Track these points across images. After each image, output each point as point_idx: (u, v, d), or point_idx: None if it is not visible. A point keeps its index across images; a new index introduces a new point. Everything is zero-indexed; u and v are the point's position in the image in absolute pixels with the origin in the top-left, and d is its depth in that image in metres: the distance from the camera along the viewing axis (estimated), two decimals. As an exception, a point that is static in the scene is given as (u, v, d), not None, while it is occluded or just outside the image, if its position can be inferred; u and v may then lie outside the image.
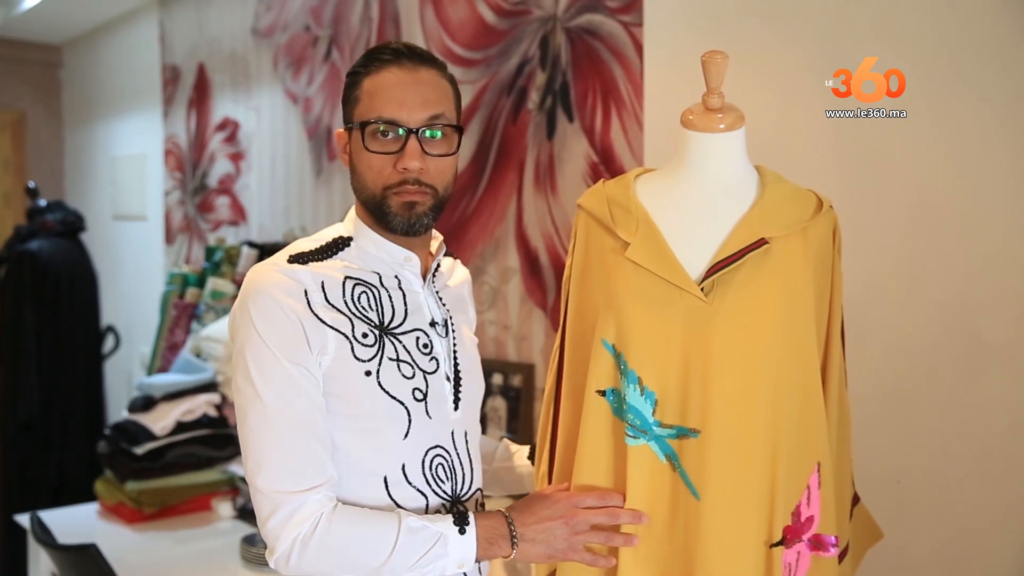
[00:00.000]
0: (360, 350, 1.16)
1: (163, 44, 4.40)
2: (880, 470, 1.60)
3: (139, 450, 2.55)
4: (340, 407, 1.16)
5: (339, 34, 3.15)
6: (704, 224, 1.16)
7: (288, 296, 1.13)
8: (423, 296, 1.25)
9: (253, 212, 3.74)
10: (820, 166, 1.70)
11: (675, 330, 1.13)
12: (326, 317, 1.15)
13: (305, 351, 1.13)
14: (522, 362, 2.41)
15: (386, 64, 1.17)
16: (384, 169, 1.17)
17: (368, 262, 1.22)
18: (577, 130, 2.26)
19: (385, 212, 1.18)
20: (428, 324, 1.24)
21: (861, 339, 1.59)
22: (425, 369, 1.22)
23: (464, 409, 1.27)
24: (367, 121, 1.16)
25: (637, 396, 1.14)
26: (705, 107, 1.18)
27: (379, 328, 1.19)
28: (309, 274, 1.16)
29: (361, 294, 1.19)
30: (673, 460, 1.14)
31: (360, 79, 1.19)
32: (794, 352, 1.14)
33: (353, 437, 1.16)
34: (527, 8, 2.38)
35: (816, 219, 1.17)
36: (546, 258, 2.36)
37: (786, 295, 1.14)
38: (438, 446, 1.22)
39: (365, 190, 1.19)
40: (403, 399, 1.18)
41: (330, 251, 1.21)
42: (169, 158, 4.41)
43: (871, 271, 1.63)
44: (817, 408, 1.16)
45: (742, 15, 1.85)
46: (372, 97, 1.17)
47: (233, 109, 3.85)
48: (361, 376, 1.16)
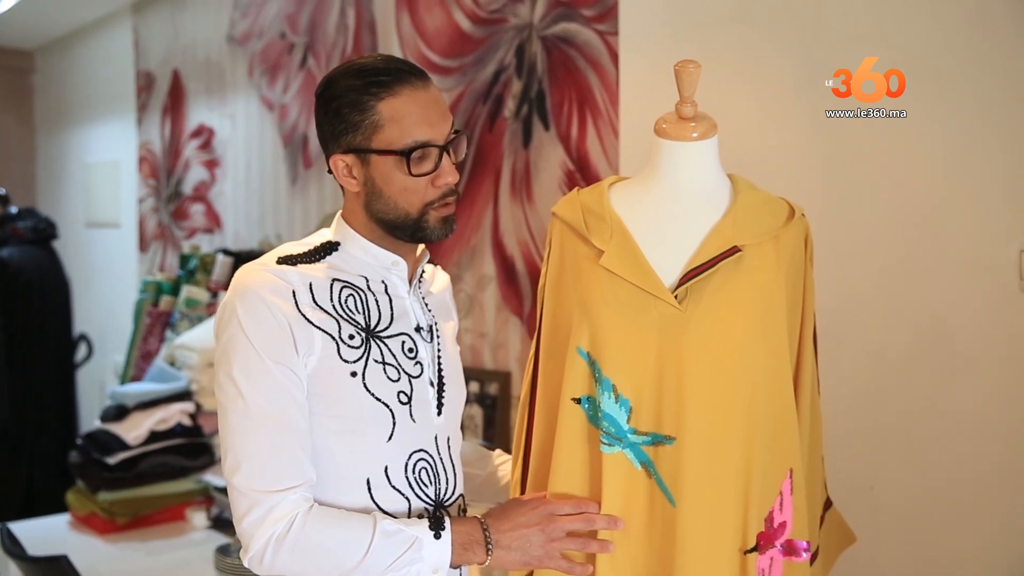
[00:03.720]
0: (346, 351, 1.17)
1: (137, 50, 4.37)
2: (854, 476, 1.61)
3: (112, 460, 2.52)
4: (325, 407, 1.16)
5: (315, 41, 3.15)
6: (677, 232, 1.17)
7: (276, 296, 1.14)
8: (409, 301, 1.26)
9: (228, 219, 3.72)
10: (797, 172, 1.72)
11: (649, 337, 1.13)
12: (313, 317, 1.15)
13: (291, 352, 1.14)
14: (498, 370, 2.41)
15: (396, 84, 1.16)
16: (424, 189, 1.19)
17: (355, 266, 1.23)
18: (553, 138, 2.26)
19: (422, 227, 1.21)
20: (414, 329, 1.25)
21: (837, 346, 1.61)
22: (410, 373, 1.22)
23: (447, 415, 1.27)
24: (407, 148, 1.16)
25: (612, 404, 1.14)
26: (678, 116, 1.19)
27: (365, 330, 1.19)
28: (297, 275, 1.17)
29: (348, 296, 1.20)
30: (648, 467, 1.14)
31: (371, 103, 1.16)
32: (767, 358, 1.15)
33: (337, 438, 1.17)
34: (503, 16, 2.39)
35: (788, 227, 1.18)
36: (522, 265, 2.36)
37: (759, 302, 1.15)
38: (422, 450, 1.22)
39: (397, 210, 1.19)
40: (388, 401, 1.19)
41: (318, 255, 1.23)
42: (143, 165, 4.37)
43: (847, 278, 1.64)
44: (790, 414, 1.17)
45: (718, 22, 1.86)
46: (399, 122, 1.16)
47: (208, 116, 3.83)
48: (346, 377, 1.16)
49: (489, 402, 2.41)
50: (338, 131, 1.19)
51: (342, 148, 1.19)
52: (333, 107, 1.18)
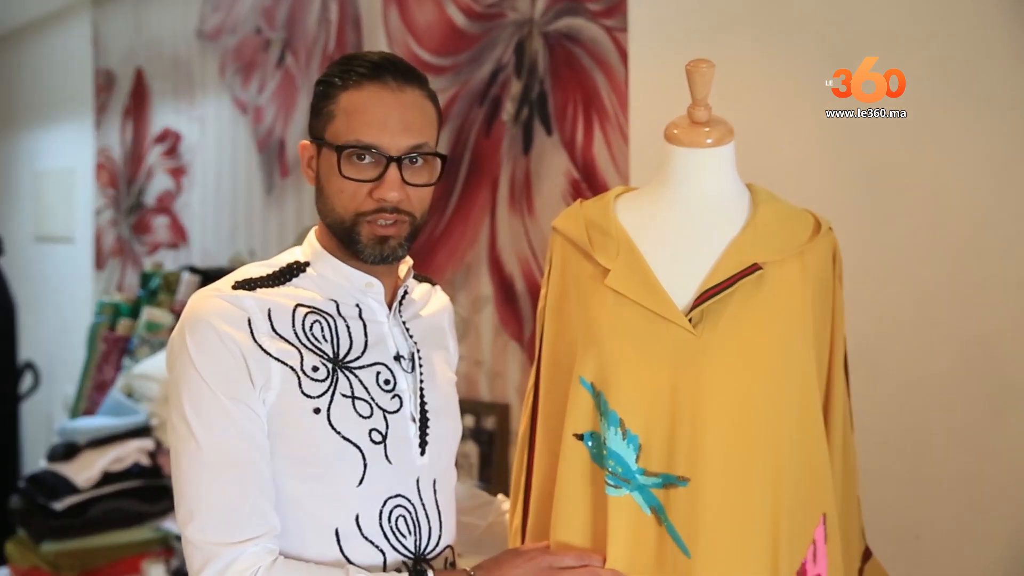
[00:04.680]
0: (308, 385, 1.16)
1: (96, 47, 4.41)
2: (896, 522, 1.61)
3: (59, 505, 2.52)
4: (286, 449, 1.16)
5: (294, 37, 3.18)
6: (691, 248, 1.18)
7: (229, 324, 1.14)
8: (387, 326, 1.25)
9: (195, 234, 3.74)
10: (819, 180, 1.73)
11: (661, 366, 1.14)
12: (271, 347, 1.15)
13: (247, 387, 1.14)
14: (496, 402, 2.42)
15: (367, 79, 1.17)
16: (357, 195, 1.18)
17: (325, 289, 1.23)
18: (556, 144, 2.28)
19: (354, 240, 1.20)
20: (392, 358, 1.24)
21: (871, 375, 1.61)
22: (386, 408, 1.22)
23: (433, 454, 1.26)
24: (344, 145, 1.17)
25: (618, 440, 1.15)
26: (691, 120, 1.20)
27: (332, 361, 1.19)
28: (254, 301, 1.17)
29: (314, 323, 1.20)
30: (659, 513, 1.14)
31: (335, 92, 1.19)
32: (793, 390, 1.15)
33: (300, 483, 1.16)
34: (501, 11, 2.42)
35: (814, 242, 1.19)
36: (522, 285, 2.37)
37: (783, 326, 1.15)
38: (399, 495, 1.21)
39: (332, 214, 1.20)
40: (357, 441, 1.18)
41: (283, 277, 1.22)
42: (101, 173, 4.41)
43: (882, 299, 1.65)
44: (820, 452, 1.17)
45: (738, 15, 1.88)
46: (350, 116, 1.17)
47: (174, 119, 3.86)
48: (309, 413, 1.16)
49: (486, 438, 2.41)
50: (311, 113, 1.24)
51: (310, 132, 1.24)
52: (318, 90, 1.23)
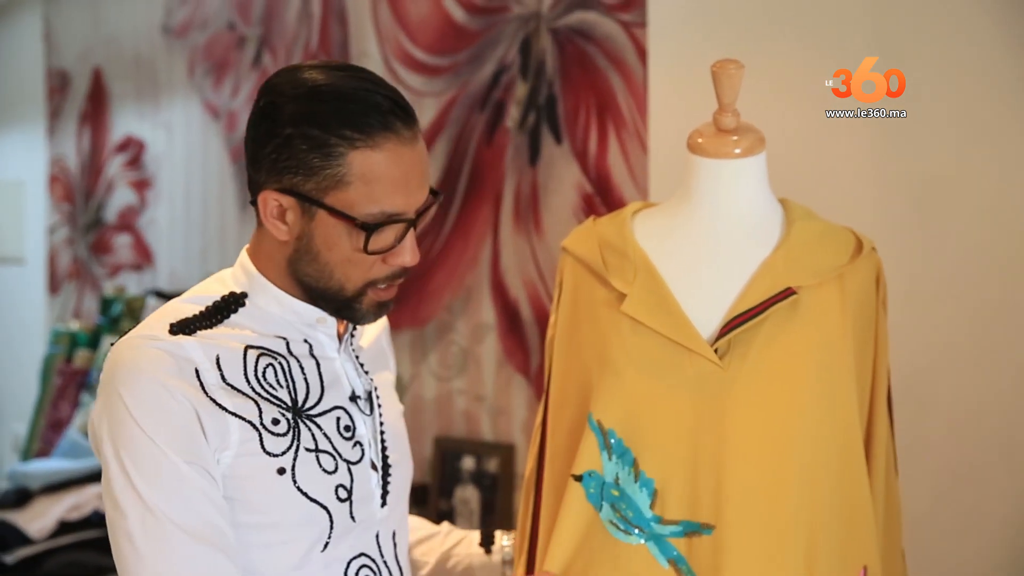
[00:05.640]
0: (270, 441, 1.14)
1: (48, 44, 4.44)
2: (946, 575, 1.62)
3: (9, 558, 2.53)
4: (244, 515, 1.14)
5: (271, 34, 3.20)
6: (717, 271, 1.20)
7: (175, 378, 1.11)
8: (339, 363, 1.24)
9: (162, 254, 3.75)
10: (862, 197, 1.74)
11: (682, 401, 1.15)
12: (226, 401, 1.13)
13: (202, 445, 1.10)
14: (499, 442, 2.42)
15: (379, 133, 1.12)
16: (371, 265, 1.16)
17: (270, 325, 1.20)
18: (567, 154, 2.30)
19: (353, 308, 1.19)
20: (348, 399, 1.23)
21: (919, 412, 1.62)
22: (349, 459, 1.20)
23: (392, 504, 1.26)
24: (371, 223, 1.12)
25: (631, 482, 1.16)
26: (717, 128, 1.22)
27: (292, 410, 1.17)
28: (198, 347, 1.14)
29: (267, 367, 1.17)
30: (679, 565, 1.15)
31: (341, 150, 1.11)
32: (830, 427, 1.16)
33: (260, 552, 1.15)
34: (505, 4, 2.44)
35: (855, 264, 1.21)
36: (529, 312, 2.38)
37: (820, 357, 1.17)
38: (362, 555, 1.22)
39: (328, 281, 1.17)
40: (324, 501, 1.17)
41: (220, 314, 1.18)
42: (55, 186, 4.42)
43: (930, 326, 1.66)
44: (861, 497, 1.18)
45: (767, 7, 1.90)
46: (369, 185, 1.12)
47: (138, 125, 3.88)
48: (273, 475, 1.14)
49: (488, 482, 2.42)
50: (282, 165, 1.13)
51: (281, 186, 1.14)
52: (284, 133, 1.13)
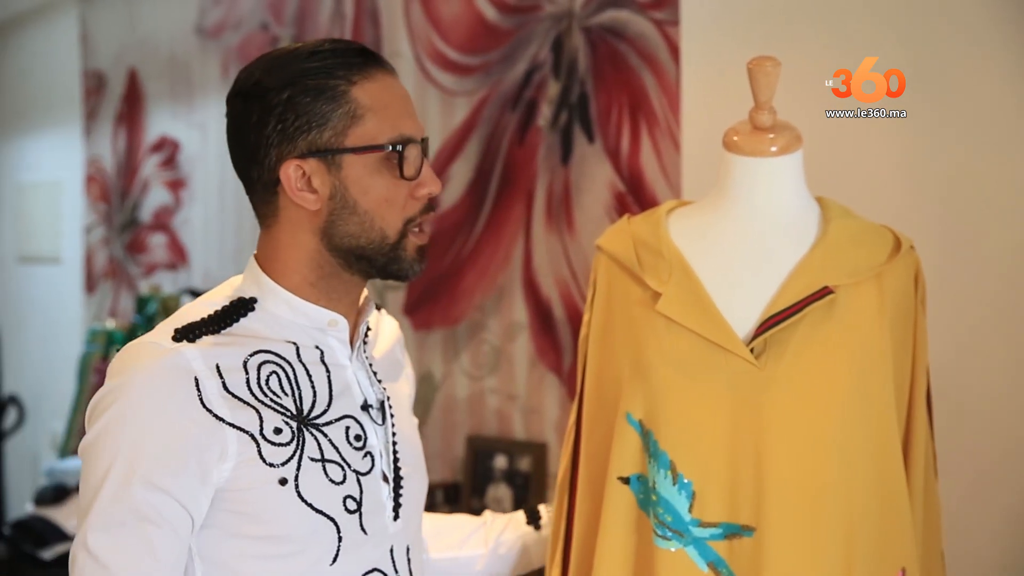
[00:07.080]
0: (270, 451, 1.12)
1: (85, 45, 4.48)
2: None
3: (47, 554, 2.55)
4: (247, 528, 1.13)
5: (304, 34, 3.22)
6: (753, 270, 1.20)
7: (171, 388, 1.10)
8: (351, 371, 1.22)
9: (196, 253, 3.78)
10: (900, 194, 1.73)
11: (719, 402, 1.15)
12: (225, 412, 1.11)
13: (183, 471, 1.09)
14: (532, 441, 2.42)
15: (369, 67, 1.16)
16: (405, 201, 1.17)
17: (280, 330, 1.18)
18: (599, 153, 2.30)
19: (399, 257, 1.17)
20: (360, 408, 1.21)
21: (958, 412, 1.61)
22: (359, 469, 1.18)
23: (406, 518, 1.24)
24: (396, 143, 1.14)
25: (668, 486, 1.15)
26: (753, 126, 1.22)
27: (297, 418, 1.15)
28: (199, 355, 1.12)
29: (271, 374, 1.15)
30: (720, 568, 1.14)
31: (342, 88, 1.14)
32: (869, 428, 1.16)
33: (262, 565, 1.13)
34: (537, 3, 2.44)
35: (893, 263, 1.20)
36: (561, 311, 2.38)
37: (857, 357, 1.16)
38: (375, 570, 1.19)
39: (371, 232, 1.16)
40: (332, 512, 1.15)
41: (228, 318, 1.17)
42: (91, 186, 4.46)
43: (965, 326, 1.64)
44: (900, 499, 1.18)
45: (801, 4, 1.89)
46: (380, 112, 1.14)
47: (172, 126, 3.91)
48: (274, 486, 1.12)
49: (520, 481, 2.42)
50: (292, 129, 1.14)
51: (299, 152, 1.14)
52: (282, 99, 1.13)
